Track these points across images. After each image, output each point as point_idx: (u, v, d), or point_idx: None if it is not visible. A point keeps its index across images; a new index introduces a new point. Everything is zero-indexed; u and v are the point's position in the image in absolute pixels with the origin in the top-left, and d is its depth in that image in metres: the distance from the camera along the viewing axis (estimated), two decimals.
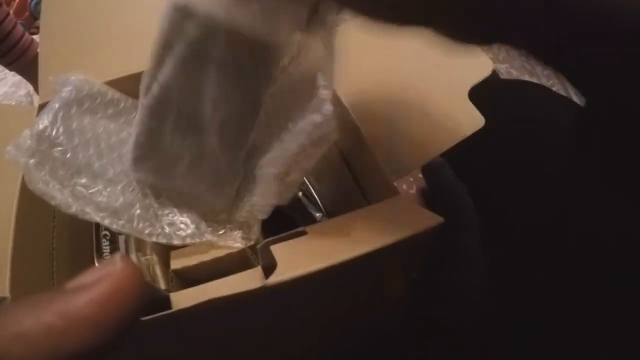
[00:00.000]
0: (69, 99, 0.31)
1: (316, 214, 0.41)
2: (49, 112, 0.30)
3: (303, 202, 0.41)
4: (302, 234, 0.25)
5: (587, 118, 0.19)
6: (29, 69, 0.75)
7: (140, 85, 0.27)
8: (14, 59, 0.72)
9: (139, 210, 0.29)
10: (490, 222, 0.48)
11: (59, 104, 0.31)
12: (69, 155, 0.30)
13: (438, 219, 0.27)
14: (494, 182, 0.50)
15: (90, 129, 0.32)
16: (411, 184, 0.67)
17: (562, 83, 0.97)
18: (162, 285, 0.33)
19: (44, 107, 0.31)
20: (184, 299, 0.23)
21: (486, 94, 0.34)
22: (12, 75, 0.91)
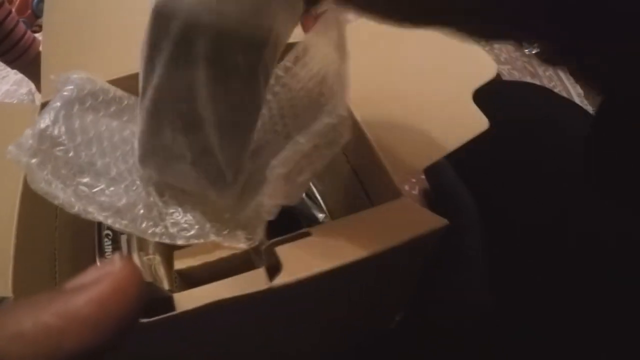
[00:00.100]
0: (71, 97, 0.31)
1: (319, 215, 0.41)
2: (50, 111, 0.30)
3: (306, 203, 0.41)
4: (307, 235, 0.25)
5: (605, 121, 0.19)
6: (30, 67, 0.75)
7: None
8: (16, 57, 0.72)
9: (142, 210, 0.29)
10: (491, 222, 0.48)
11: (61, 102, 0.31)
12: (71, 154, 0.30)
13: (443, 221, 0.27)
14: (495, 182, 0.50)
15: (93, 127, 0.32)
16: (413, 185, 0.67)
17: (564, 85, 0.97)
18: (166, 285, 0.32)
19: (46, 106, 0.31)
20: (188, 299, 0.23)
21: (488, 95, 0.34)
22: (14, 74, 0.91)
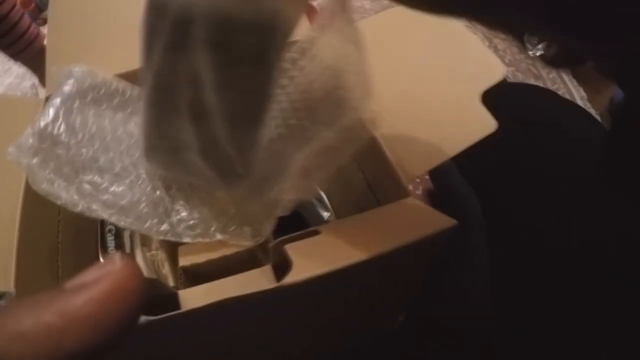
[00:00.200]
0: (71, 92, 0.31)
1: (324, 213, 0.41)
2: (50, 108, 0.29)
3: (311, 201, 0.41)
4: (316, 233, 0.24)
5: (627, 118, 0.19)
6: (34, 61, 0.75)
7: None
8: (21, 50, 0.72)
9: (147, 207, 0.28)
10: (494, 223, 0.48)
11: (61, 98, 0.30)
12: (72, 151, 0.29)
13: (452, 221, 0.26)
14: (498, 184, 0.50)
15: (95, 121, 0.31)
16: (417, 185, 0.67)
17: (567, 87, 0.97)
18: (171, 282, 0.32)
19: (46, 103, 0.30)
20: (194, 297, 0.23)
21: (492, 97, 0.34)
22: (17, 67, 0.91)
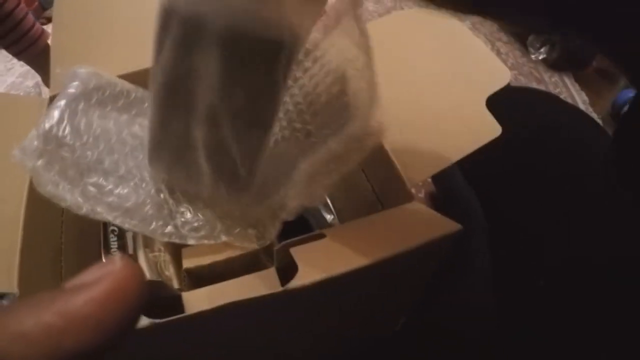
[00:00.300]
0: (76, 94, 0.30)
1: (327, 216, 0.41)
2: (55, 110, 0.29)
3: None
4: (321, 237, 0.24)
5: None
6: (38, 59, 0.75)
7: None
8: (24, 48, 0.72)
9: (152, 210, 0.28)
10: (496, 225, 0.48)
11: (66, 100, 0.30)
12: (77, 153, 0.29)
13: (457, 225, 0.26)
14: (500, 186, 0.51)
15: (100, 123, 0.31)
16: (419, 188, 0.66)
17: (569, 91, 0.97)
18: (175, 284, 0.32)
19: (50, 105, 0.30)
20: (198, 299, 0.23)
21: (494, 101, 0.34)
22: (20, 66, 0.91)
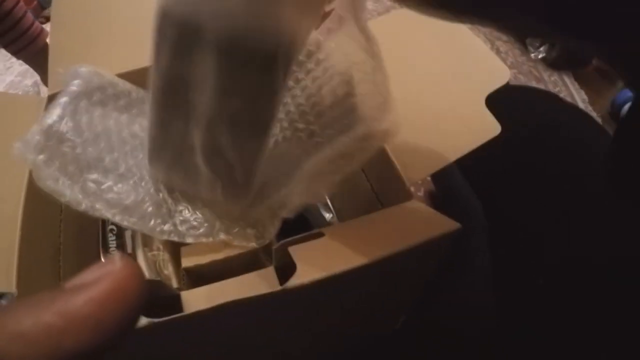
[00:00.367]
0: (78, 92, 0.31)
1: (326, 215, 0.41)
2: (57, 107, 0.29)
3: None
4: (320, 235, 0.24)
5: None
6: (37, 58, 0.75)
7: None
8: (23, 47, 0.72)
9: (151, 207, 0.28)
10: (495, 224, 0.48)
11: (68, 97, 0.30)
12: (78, 150, 0.29)
13: (455, 224, 0.26)
14: (500, 185, 0.51)
15: (101, 122, 0.31)
16: (419, 187, 0.66)
17: (569, 90, 0.97)
18: (174, 283, 0.32)
19: (53, 101, 0.30)
20: (196, 298, 0.23)
21: (494, 99, 0.34)
22: (19, 65, 0.91)
